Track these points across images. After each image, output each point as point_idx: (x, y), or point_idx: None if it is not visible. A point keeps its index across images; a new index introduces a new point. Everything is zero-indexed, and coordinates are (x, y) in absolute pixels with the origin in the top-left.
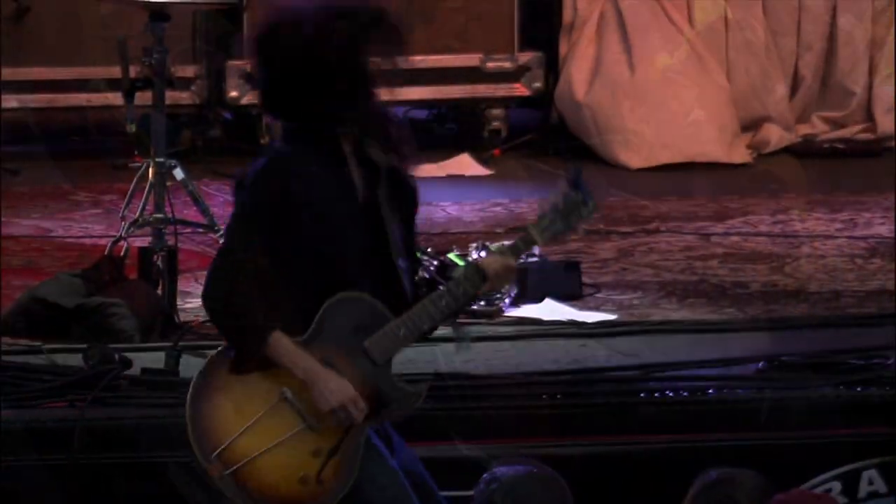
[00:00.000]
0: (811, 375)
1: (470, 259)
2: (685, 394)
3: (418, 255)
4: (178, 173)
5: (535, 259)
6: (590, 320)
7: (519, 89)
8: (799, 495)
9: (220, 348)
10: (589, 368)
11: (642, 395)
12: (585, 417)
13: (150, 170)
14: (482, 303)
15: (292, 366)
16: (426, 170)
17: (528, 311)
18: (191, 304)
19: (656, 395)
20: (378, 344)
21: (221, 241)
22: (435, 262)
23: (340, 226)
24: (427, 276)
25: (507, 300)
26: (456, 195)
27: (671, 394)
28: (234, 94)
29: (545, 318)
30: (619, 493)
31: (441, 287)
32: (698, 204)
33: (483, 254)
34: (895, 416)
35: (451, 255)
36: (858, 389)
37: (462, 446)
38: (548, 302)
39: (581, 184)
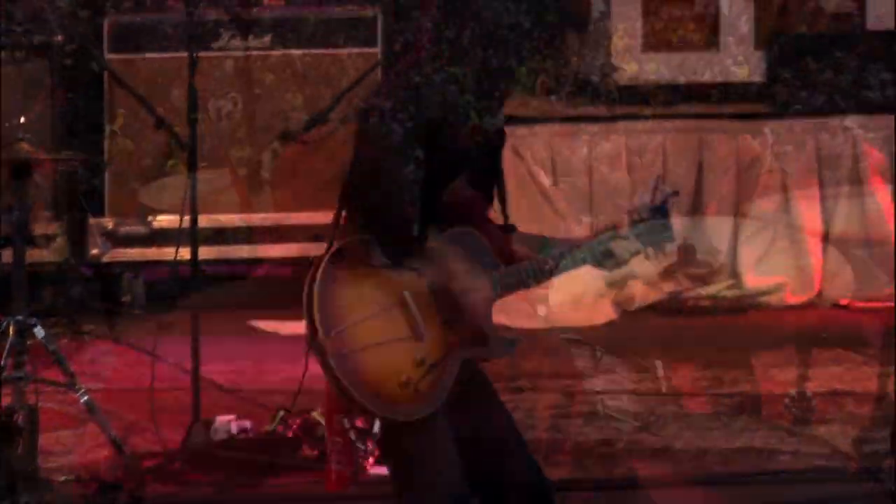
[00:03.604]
0: None
1: None
2: None
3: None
4: (39, 332)
5: None
6: None
7: None
8: None
9: (348, 241)
10: None
11: None
12: None
13: (11, 328)
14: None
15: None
16: None
17: None
18: (53, 463)
19: None
20: (504, 278)
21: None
22: None
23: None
24: None
25: None
26: None
27: None
28: (95, 251)
29: None
30: None
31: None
32: (562, 362)
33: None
34: None
35: None
36: None
37: None
38: None
39: (665, 210)
